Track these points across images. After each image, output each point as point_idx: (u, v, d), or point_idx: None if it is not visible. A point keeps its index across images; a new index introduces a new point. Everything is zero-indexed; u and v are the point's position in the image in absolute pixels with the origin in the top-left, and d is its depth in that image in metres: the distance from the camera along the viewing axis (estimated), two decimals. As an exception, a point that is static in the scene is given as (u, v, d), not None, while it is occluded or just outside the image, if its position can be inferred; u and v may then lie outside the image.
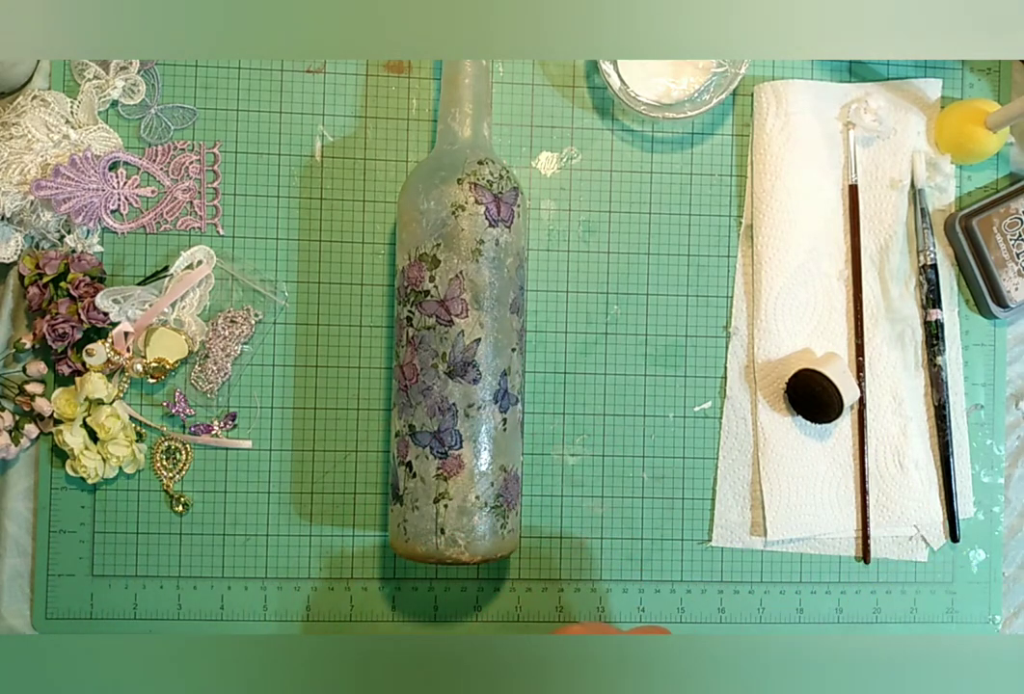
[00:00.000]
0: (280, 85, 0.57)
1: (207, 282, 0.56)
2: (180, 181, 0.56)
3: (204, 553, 0.56)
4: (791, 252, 0.58)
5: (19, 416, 0.55)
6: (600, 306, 0.59)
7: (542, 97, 0.59)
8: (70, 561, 0.56)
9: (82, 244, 0.55)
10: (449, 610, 0.57)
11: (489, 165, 0.51)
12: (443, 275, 0.49)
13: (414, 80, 0.58)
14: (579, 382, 0.58)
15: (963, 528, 0.59)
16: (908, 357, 0.59)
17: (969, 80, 0.61)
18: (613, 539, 0.58)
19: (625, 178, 0.59)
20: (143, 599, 0.56)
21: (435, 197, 0.50)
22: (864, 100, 0.59)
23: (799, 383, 0.57)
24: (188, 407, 0.56)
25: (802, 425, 0.59)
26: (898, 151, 0.60)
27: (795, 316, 0.59)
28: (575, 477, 0.58)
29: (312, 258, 0.57)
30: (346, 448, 0.57)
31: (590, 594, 0.58)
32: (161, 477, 0.56)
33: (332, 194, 0.57)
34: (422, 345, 0.50)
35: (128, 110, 0.56)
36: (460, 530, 0.49)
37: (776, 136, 0.58)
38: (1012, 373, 0.61)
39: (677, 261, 0.59)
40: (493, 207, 0.50)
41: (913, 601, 0.59)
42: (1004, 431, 0.60)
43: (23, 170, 0.53)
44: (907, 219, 0.60)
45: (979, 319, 0.61)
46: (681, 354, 0.59)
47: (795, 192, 0.58)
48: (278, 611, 0.56)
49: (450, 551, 0.49)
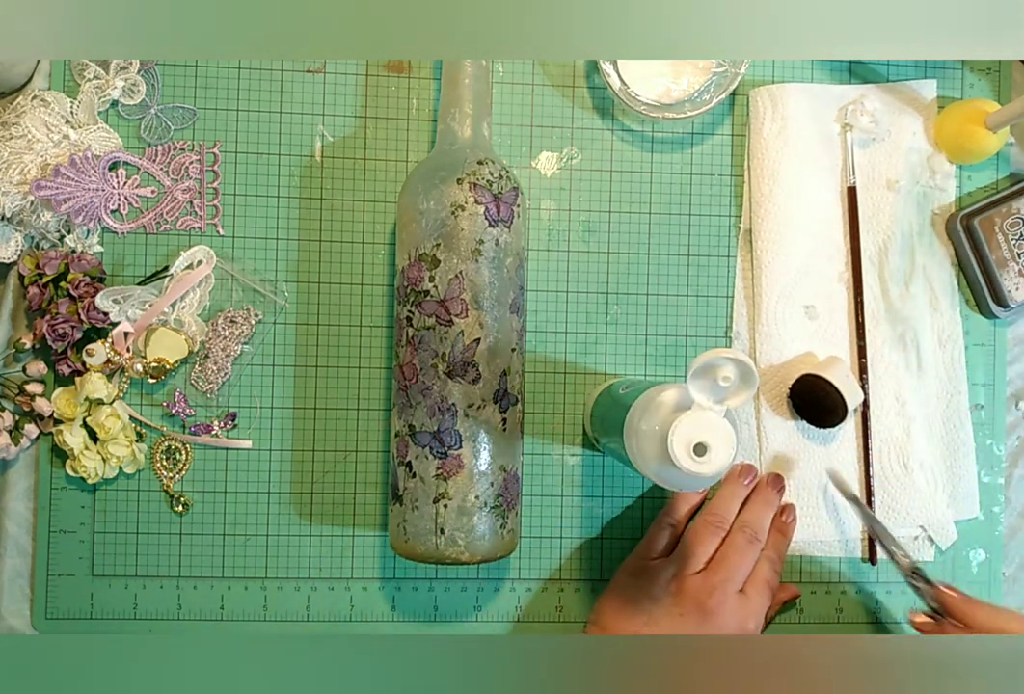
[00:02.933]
0: (280, 85, 0.57)
1: (207, 282, 0.56)
2: (180, 181, 0.56)
3: (204, 553, 0.56)
4: (790, 255, 0.58)
5: (19, 416, 0.55)
6: (600, 306, 0.59)
7: (542, 97, 0.59)
8: (70, 561, 0.56)
9: (82, 244, 0.55)
10: (449, 610, 0.57)
11: (489, 165, 0.51)
12: (443, 275, 0.49)
13: (414, 80, 0.58)
14: (579, 382, 0.58)
15: (963, 528, 0.59)
16: (910, 358, 0.59)
17: (969, 80, 0.61)
18: (613, 539, 0.58)
19: (625, 178, 0.59)
20: (143, 599, 0.56)
21: (435, 197, 0.50)
22: (860, 102, 0.59)
23: (802, 388, 0.57)
24: (188, 407, 0.56)
25: (806, 429, 0.59)
26: (894, 152, 0.60)
27: (796, 319, 0.59)
28: (575, 477, 0.58)
29: (312, 258, 0.57)
30: (346, 448, 0.57)
31: (590, 594, 0.58)
32: (161, 477, 0.56)
33: (332, 194, 0.57)
34: (422, 345, 0.50)
35: (128, 110, 0.56)
36: (460, 530, 0.49)
37: (773, 140, 0.58)
38: (1012, 373, 0.61)
39: (677, 261, 0.59)
40: (493, 207, 0.50)
41: (913, 601, 0.59)
42: (1004, 431, 0.60)
43: (23, 170, 0.53)
44: (905, 220, 0.60)
45: (979, 319, 0.61)
46: (681, 354, 0.59)
47: (793, 195, 0.58)
48: (278, 611, 0.56)
49: (450, 551, 0.49)
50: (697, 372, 0.42)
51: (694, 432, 0.42)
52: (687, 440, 0.42)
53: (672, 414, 0.43)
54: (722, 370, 0.41)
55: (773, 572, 0.54)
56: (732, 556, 0.53)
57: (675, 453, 0.42)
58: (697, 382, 0.42)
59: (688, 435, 0.42)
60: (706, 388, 0.42)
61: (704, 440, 0.42)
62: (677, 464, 0.42)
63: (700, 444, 0.42)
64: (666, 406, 0.44)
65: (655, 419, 0.44)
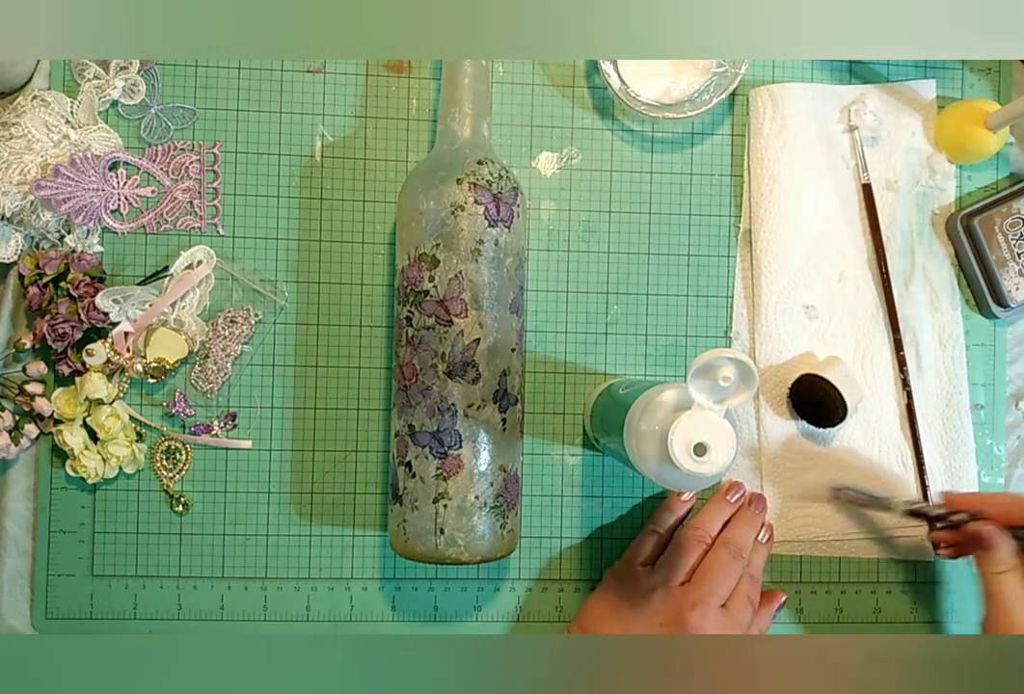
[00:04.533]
0: (280, 85, 0.57)
1: (207, 282, 0.56)
2: (180, 181, 0.56)
3: (204, 553, 0.56)
4: (790, 255, 0.58)
5: (19, 416, 0.55)
6: (600, 306, 0.59)
7: (542, 97, 0.59)
8: (70, 561, 0.56)
9: (82, 244, 0.55)
10: (449, 610, 0.57)
11: (489, 165, 0.51)
12: (442, 275, 0.49)
13: (414, 80, 0.58)
14: (579, 382, 0.58)
15: (963, 528, 0.60)
16: (910, 358, 0.59)
17: (969, 80, 0.61)
18: (613, 539, 0.58)
19: (625, 178, 0.59)
20: (143, 599, 0.56)
21: (434, 197, 0.50)
22: (862, 101, 0.59)
23: (802, 388, 0.57)
24: (188, 407, 0.56)
25: (805, 429, 0.59)
26: (893, 152, 0.60)
27: (796, 319, 0.59)
28: (575, 477, 0.58)
29: (312, 258, 0.57)
30: (346, 448, 0.57)
31: (590, 594, 0.58)
32: (161, 477, 0.56)
33: (332, 194, 0.57)
34: (422, 345, 0.50)
35: (128, 110, 0.56)
36: (459, 530, 0.49)
37: (773, 140, 0.58)
38: (1012, 373, 0.61)
39: (677, 261, 0.59)
40: (492, 207, 0.50)
41: (913, 601, 0.59)
42: (1004, 431, 0.60)
43: (23, 170, 0.53)
44: (905, 220, 0.60)
45: (979, 319, 0.61)
46: (681, 354, 0.59)
47: (793, 195, 0.58)
48: (278, 611, 0.56)
49: (450, 551, 0.49)
50: (697, 372, 0.42)
51: (694, 432, 0.42)
52: (687, 440, 0.42)
53: (672, 414, 0.43)
54: (722, 370, 0.41)
55: (755, 589, 0.54)
56: (716, 571, 0.53)
57: (675, 453, 0.42)
58: (697, 382, 0.42)
59: (688, 435, 0.42)
60: (706, 388, 0.42)
61: (704, 440, 0.42)
62: (677, 464, 0.42)
63: (700, 444, 0.42)
64: (666, 406, 0.44)
65: (655, 419, 0.44)
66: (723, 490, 0.57)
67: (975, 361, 0.60)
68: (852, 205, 0.60)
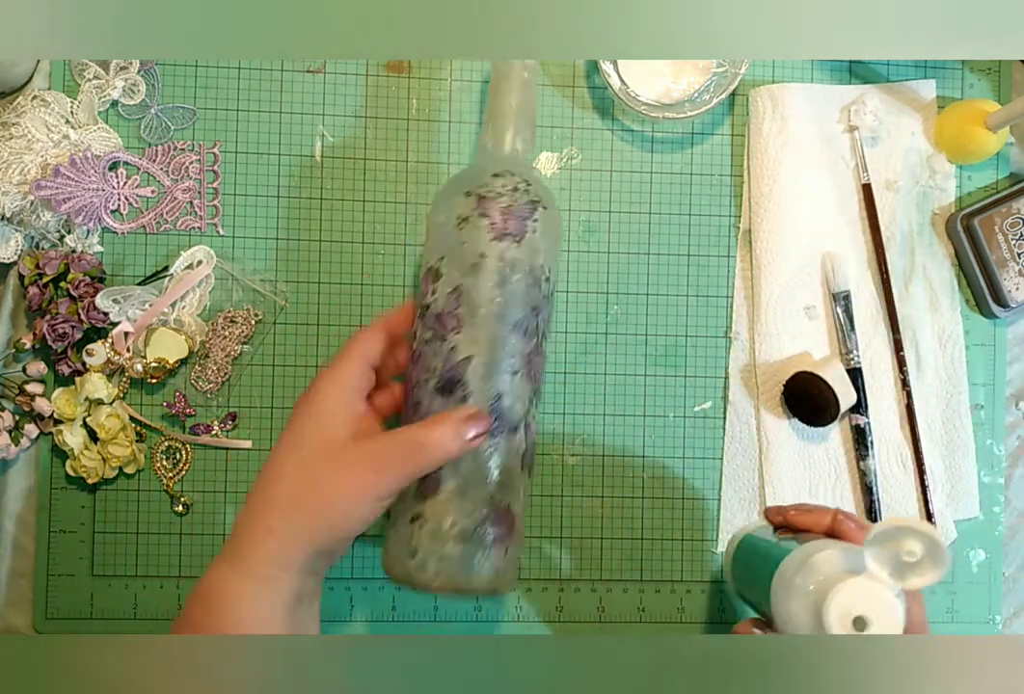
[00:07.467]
0: (280, 85, 0.57)
1: (207, 282, 0.56)
2: (180, 181, 0.56)
3: (204, 553, 0.56)
4: (790, 255, 0.58)
5: (19, 416, 0.55)
6: (600, 306, 0.59)
7: (542, 97, 0.58)
8: (70, 561, 0.56)
9: (82, 244, 0.55)
10: (449, 610, 0.57)
11: (505, 177, 0.48)
12: (443, 288, 0.47)
13: (414, 80, 0.58)
14: (579, 382, 0.58)
15: (963, 528, 0.59)
16: (910, 358, 0.59)
17: (969, 80, 0.61)
18: (613, 539, 0.58)
19: (625, 178, 0.59)
20: (143, 599, 0.56)
21: (444, 209, 0.48)
22: (862, 101, 0.59)
23: (796, 386, 0.57)
24: (188, 407, 0.56)
25: (799, 428, 0.59)
26: (893, 152, 0.60)
27: (795, 319, 0.59)
28: (575, 477, 0.58)
29: (312, 258, 0.57)
30: (346, 448, 0.57)
31: (590, 594, 0.58)
32: (161, 477, 0.56)
33: (332, 194, 0.57)
34: (421, 359, 0.48)
35: (128, 110, 0.56)
36: (433, 555, 0.45)
37: (773, 140, 0.58)
38: (1012, 373, 0.61)
39: (677, 261, 0.59)
40: (499, 220, 0.47)
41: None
42: (1004, 431, 0.60)
43: (23, 170, 0.53)
44: (905, 220, 0.60)
45: (979, 319, 0.61)
46: (681, 354, 0.59)
47: (793, 195, 0.58)
48: (278, 611, 0.56)
49: (420, 576, 0.45)
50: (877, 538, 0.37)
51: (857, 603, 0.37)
52: (846, 609, 0.37)
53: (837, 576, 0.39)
54: (907, 542, 0.37)
55: None
56: None
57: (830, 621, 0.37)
58: (875, 549, 0.37)
59: (849, 604, 0.37)
60: (885, 558, 0.38)
61: (866, 614, 0.37)
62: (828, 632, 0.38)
63: (860, 618, 0.37)
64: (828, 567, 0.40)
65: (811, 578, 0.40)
66: None
67: (975, 361, 0.60)
68: (852, 205, 0.60)
